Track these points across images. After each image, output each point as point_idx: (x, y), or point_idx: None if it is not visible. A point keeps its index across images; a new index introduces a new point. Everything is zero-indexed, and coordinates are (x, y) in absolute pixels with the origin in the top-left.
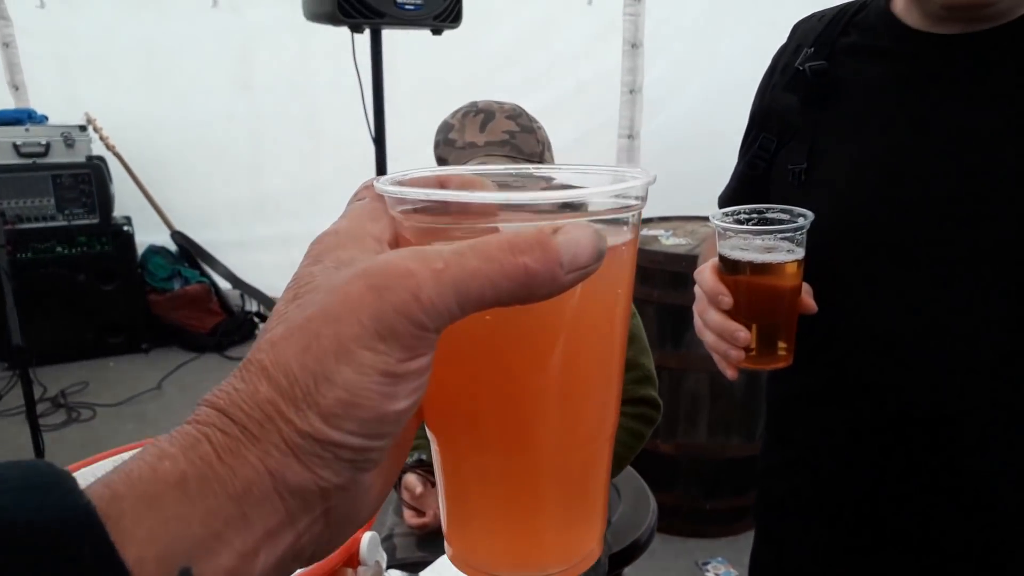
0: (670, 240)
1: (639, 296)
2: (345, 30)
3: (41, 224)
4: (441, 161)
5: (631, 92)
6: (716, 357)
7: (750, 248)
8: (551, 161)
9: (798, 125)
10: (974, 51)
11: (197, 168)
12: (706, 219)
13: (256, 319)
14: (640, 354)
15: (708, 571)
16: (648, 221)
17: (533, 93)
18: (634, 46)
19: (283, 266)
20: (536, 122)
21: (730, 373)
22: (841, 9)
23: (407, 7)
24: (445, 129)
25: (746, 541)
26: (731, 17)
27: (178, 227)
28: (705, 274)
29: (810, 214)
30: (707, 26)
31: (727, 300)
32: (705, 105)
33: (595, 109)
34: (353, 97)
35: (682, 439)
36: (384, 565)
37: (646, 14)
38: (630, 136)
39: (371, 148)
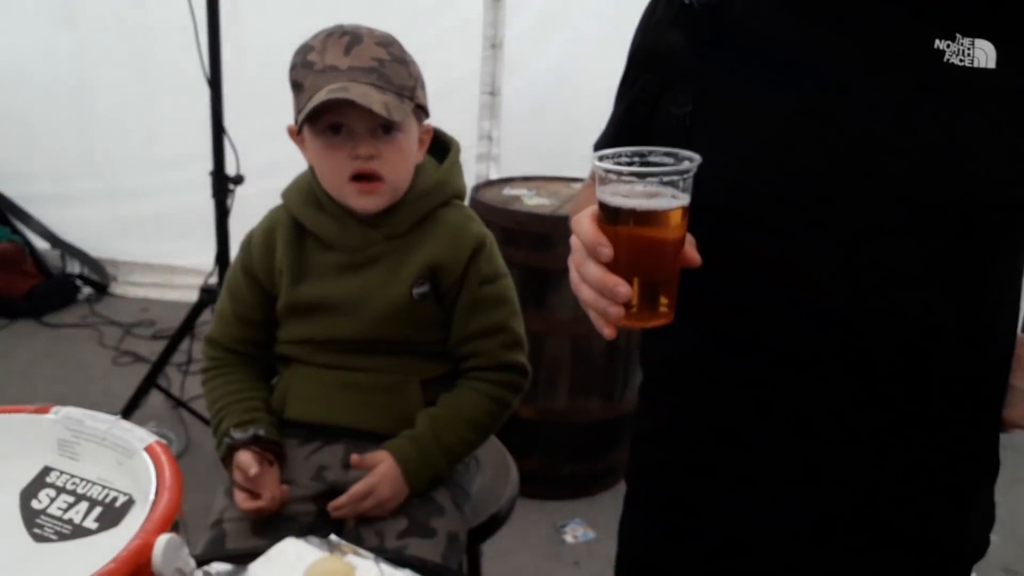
0: (533, 200)
1: (502, 258)
2: None
3: None
4: (296, 86)
5: (493, 47)
6: (593, 315)
7: (632, 194)
8: (424, 100)
9: (684, 65)
10: None
11: (9, 113)
12: (571, 180)
13: (79, 282)
14: (510, 317)
15: (566, 533)
16: (510, 180)
17: None
18: None
19: (111, 223)
20: (410, 55)
21: (608, 332)
22: None
23: None
24: (304, 51)
25: (602, 502)
26: None
27: None
28: (583, 223)
29: (696, 157)
30: None
31: (607, 251)
32: (570, 61)
33: (456, 63)
34: (192, 38)
35: (542, 403)
36: (191, 570)
37: None
38: (492, 93)
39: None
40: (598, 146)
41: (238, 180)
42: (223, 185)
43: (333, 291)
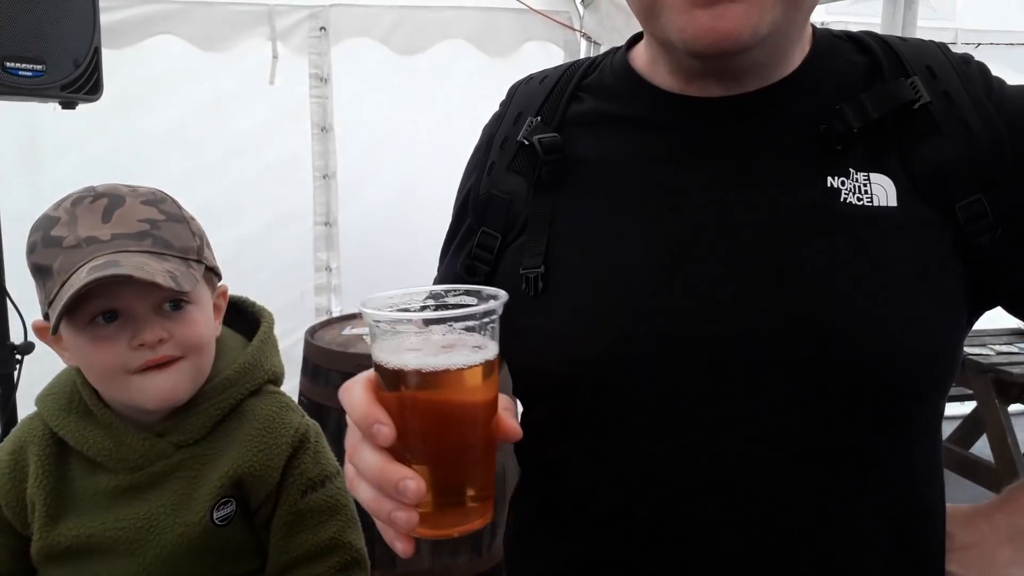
0: None
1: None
2: None
3: None
4: (41, 271)
5: (324, 177)
6: (380, 525)
7: (425, 347)
8: (212, 259)
9: (529, 216)
10: (737, 118)
11: None
12: None
13: None
14: (345, 528)
15: None
16: (350, 319)
17: (213, 177)
18: (324, 129)
19: None
20: (187, 212)
21: (401, 547)
22: (567, 70)
23: (20, 72)
24: (45, 225)
25: None
26: (417, 98)
27: None
28: (354, 394)
29: (503, 294)
30: (394, 109)
31: (386, 431)
32: (401, 190)
33: (287, 194)
34: None
35: (403, 567)
36: None
37: (333, 96)
38: (327, 223)
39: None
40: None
41: (26, 349)
42: (8, 356)
43: (106, 526)
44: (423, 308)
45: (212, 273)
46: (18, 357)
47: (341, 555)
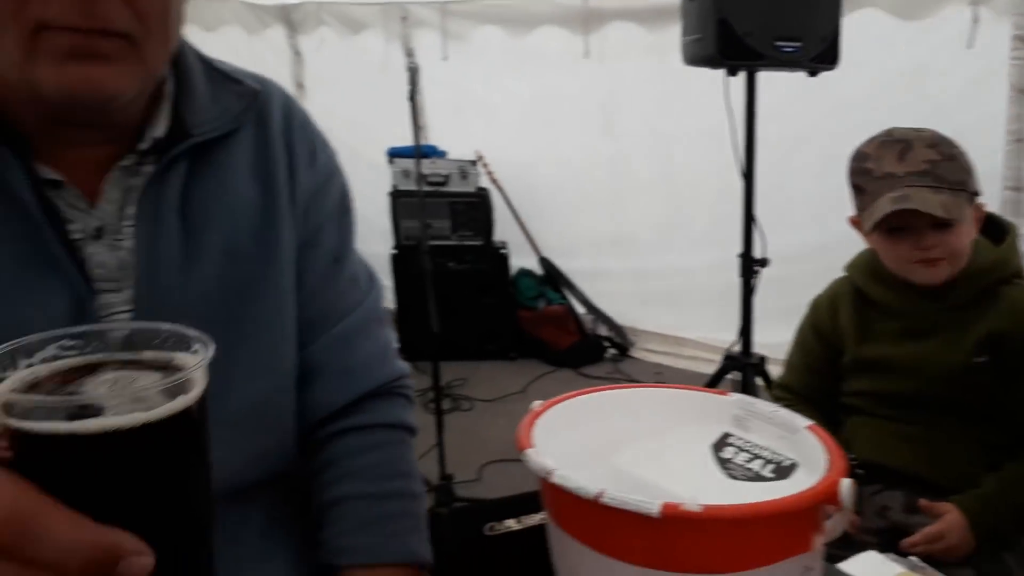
0: None
1: None
2: (710, 74)
3: (439, 242)
4: (857, 189)
5: (1018, 141)
6: None
7: None
8: (974, 186)
9: None
10: None
11: (563, 203)
12: None
13: (606, 344)
14: None
15: None
16: None
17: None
18: (1021, 92)
19: (632, 296)
20: (957, 147)
21: None
22: None
23: (786, 49)
24: (860, 158)
25: None
26: None
27: (544, 253)
28: None
29: None
30: None
31: None
32: None
33: (977, 156)
34: (715, 139)
35: None
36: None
37: None
38: (1017, 188)
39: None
40: None
41: (764, 263)
42: (750, 267)
43: (895, 352)
44: None
45: (974, 195)
46: (757, 269)
47: None
